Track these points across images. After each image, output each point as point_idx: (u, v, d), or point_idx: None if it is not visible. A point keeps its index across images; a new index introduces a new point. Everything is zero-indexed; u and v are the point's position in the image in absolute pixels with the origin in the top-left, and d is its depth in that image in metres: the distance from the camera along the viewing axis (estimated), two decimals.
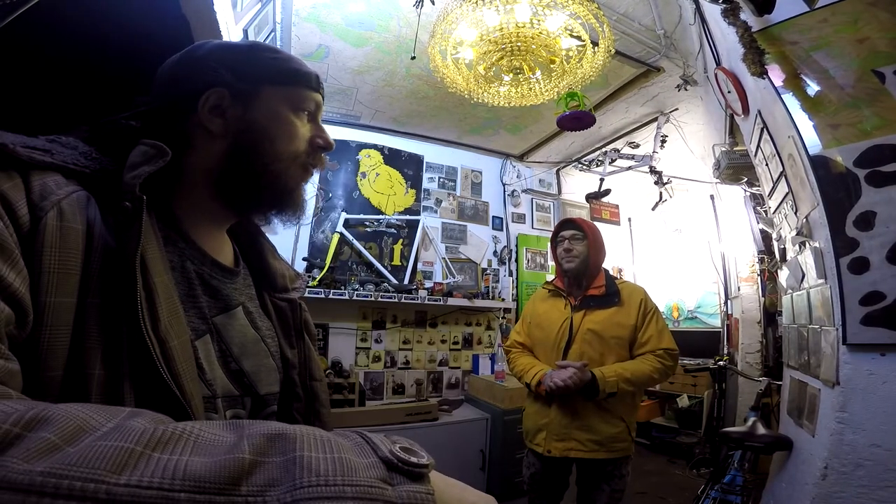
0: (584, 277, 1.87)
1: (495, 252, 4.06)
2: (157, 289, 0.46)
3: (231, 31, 1.77)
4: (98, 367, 0.41)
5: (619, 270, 5.18)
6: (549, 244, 2.05)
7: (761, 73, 1.50)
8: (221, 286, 0.59)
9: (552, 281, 2.03)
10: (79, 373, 0.40)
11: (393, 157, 3.71)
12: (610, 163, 3.70)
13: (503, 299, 3.85)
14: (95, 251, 0.44)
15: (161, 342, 0.44)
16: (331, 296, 3.02)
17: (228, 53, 0.60)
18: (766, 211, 2.44)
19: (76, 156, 0.49)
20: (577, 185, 4.59)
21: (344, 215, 3.34)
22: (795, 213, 1.61)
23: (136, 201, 0.45)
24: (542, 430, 1.77)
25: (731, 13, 1.51)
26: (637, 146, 3.80)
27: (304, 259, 3.17)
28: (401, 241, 3.57)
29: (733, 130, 2.44)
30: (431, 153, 3.90)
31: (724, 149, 2.48)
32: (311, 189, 3.33)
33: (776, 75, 1.51)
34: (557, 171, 4.55)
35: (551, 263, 4.30)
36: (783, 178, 1.64)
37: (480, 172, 4.15)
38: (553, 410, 1.75)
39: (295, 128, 0.60)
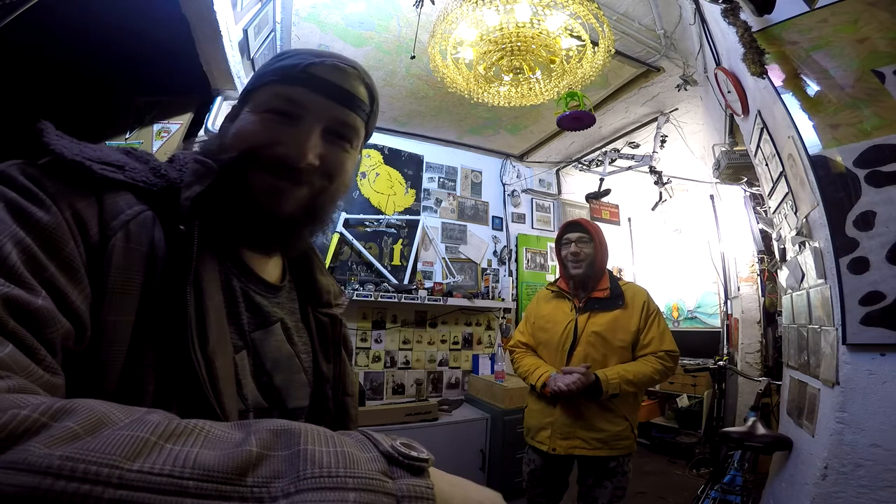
0: (590, 280, 1.87)
1: (495, 252, 4.06)
2: (209, 310, 0.48)
3: (231, 31, 1.77)
4: (151, 383, 0.43)
5: (619, 270, 5.18)
6: (554, 245, 2.03)
7: (761, 73, 1.50)
8: (263, 302, 0.60)
9: (556, 282, 2.02)
10: (134, 388, 0.42)
11: (393, 157, 3.71)
12: (610, 163, 3.70)
13: (503, 299, 3.85)
14: (157, 272, 0.46)
15: (208, 361, 0.46)
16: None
17: (264, 68, 0.62)
18: (765, 211, 2.45)
19: (146, 172, 0.50)
20: (577, 185, 4.60)
21: (344, 215, 3.34)
22: (795, 213, 1.61)
23: (189, 224, 0.47)
24: (546, 429, 1.77)
25: (730, 13, 1.51)
26: (637, 146, 3.80)
27: None
28: (401, 241, 3.57)
29: (733, 130, 2.44)
30: (431, 153, 3.90)
31: (723, 149, 2.48)
32: None
33: (776, 75, 1.51)
34: (557, 171, 4.55)
35: (551, 263, 4.30)
36: (783, 178, 1.64)
37: (480, 172, 4.15)
38: (557, 409, 1.75)
39: (257, 133, 0.57)
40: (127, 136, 1.92)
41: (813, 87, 1.43)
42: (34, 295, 0.35)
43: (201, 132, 1.91)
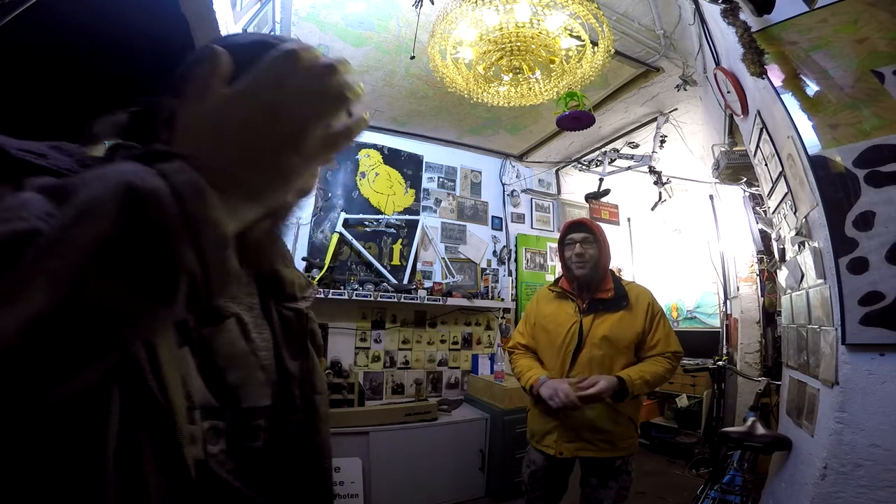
0: (594, 281, 1.83)
1: (495, 252, 4.06)
2: None
3: (230, 31, 1.77)
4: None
5: (619, 270, 5.18)
6: (557, 245, 1.98)
7: (761, 73, 1.50)
8: None
9: (558, 282, 1.97)
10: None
11: (392, 157, 3.71)
12: (609, 163, 3.70)
13: (502, 299, 3.85)
14: None
15: (149, 347, 0.42)
16: (330, 296, 3.02)
17: None
18: (765, 211, 2.45)
19: (71, 163, 0.46)
20: (576, 185, 4.60)
21: (343, 215, 3.34)
22: (795, 214, 1.61)
23: None
24: (552, 433, 1.75)
25: (730, 13, 1.51)
26: (636, 146, 3.80)
27: (303, 259, 3.17)
28: (400, 240, 3.57)
29: (732, 130, 2.44)
30: (431, 153, 3.90)
31: (723, 149, 2.48)
32: None
33: (775, 75, 1.51)
34: (557, 171, 4.55)
35: (551, 264, 4.30)
36: (782, 179, 1.65)
37: (480, 172, 4.15)
38: (562, 413, 1.72)
39: None
40: None
41: (812, 88, 1.43)
42: None
43: None
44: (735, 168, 2.46)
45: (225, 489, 0.52)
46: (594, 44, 2.01)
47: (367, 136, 3.61)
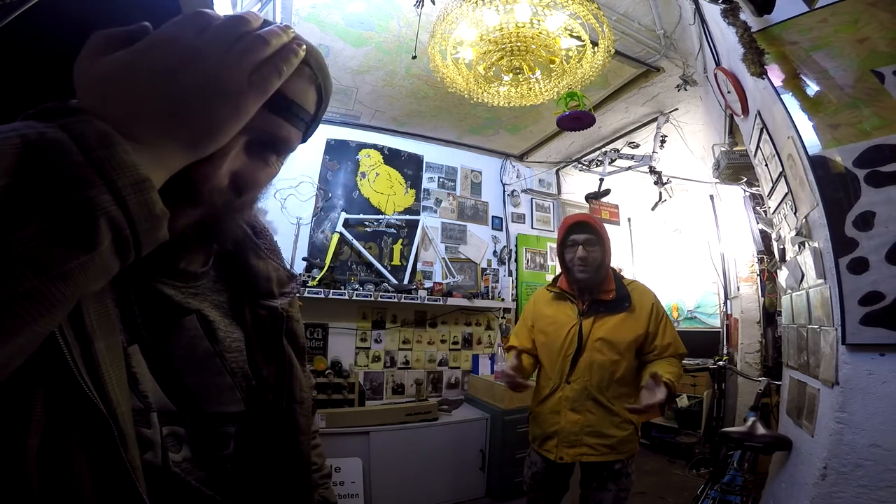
0: (595, 283, 1.77)
1: (495, 252, 4.06)
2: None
3: None
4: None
5: (619, 270, 5.17)
6: (556, 245, 1.90)
7: (761, 73, 1.50)
8: (173, 293, 0.52)
9: (557, 282, 1.91)
10: None
11: (393, 157, 3.71)
12: (610, 163, 3.70)
13: (503, 299, 3.85)
14: None
15: (85, 342, 0.38)
16: (330, 296, 3.02)
17: None
18: (765, 211, 2.45)
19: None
20: (576, 185, 4.60)
21: (344, 215, 3.34)
22: (795, 214, 1.61)
23: None
24: (553, 437, 1.72)
25: (730, 13, 1.51)
26: (637, 146, 3.80)
27: (303, 259, 3.17)
28: (400, 240, 3.57)
29: (733, 130, 2.44)
30: (431, 153, 3.90)
31: (723, 149, 2.48)
32: (310, 189, 3.33)
33: (776, 75, 1.51)
34: (557, 171, 4.55)
35: (551, 263, 4.30)
36: (783, 179, 1.64)
37: (480, 172, 4.15)
38: (563, 417, 1.70)
39: None
40: None
41: (813, 88, 1.43)
42: None
43: None
44: (735, 168, 2.46)
45: (199, 498, 0.49)
46: (594, 44, 2.01)
47: (367, 136, 3.62)
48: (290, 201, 3.24)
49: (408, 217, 3.64)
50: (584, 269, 1.73)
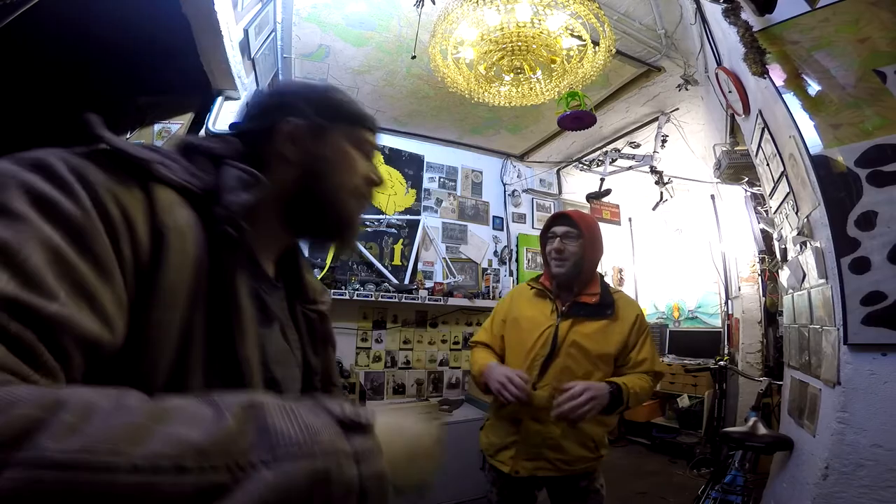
0: (575, 281, 1.61)
1: (496, 252, 4.06)
2: (244, 311, 0.52)
3: (231, 31, 1.77)
4: (197, 379, 0.46)
5: (620, 270, 5.18)
6: (539, 237, 1.75)
7: (762, 72, 1.50)
8: (269, 300, 0.64)
9: (539, 278, 1.75)
10: (180, 384, 0.44)
11: (393, 157, 3.71)
12: (610, 163, 3.70)
13: None
14: (201, 272, 0.48)
15: (246, 361, 0.51)
16: (331, 295, 3.02)
17: (310, 92, 0.68)
18: (766, 211, 2.44)
19: (183, 172, 0.51)
20: (577, 185, 4.59)
21: None
22: (796, 213, 1.61)
23: (239, 230, 0.50)
24: (510, 448, 1.55)
25: (731, 13, 1.51)
26: (638, 146, 3.79)
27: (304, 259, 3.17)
28: (401, 240, 3.57)
29: (734, 130, 2.43)
30: (432, 153, 3.90)
31: (724, 148, 2.48)
32: None
33: (777, 75, 1.51)
34: (558, 171, 4.55)
35: None
36: (784, 178, 1.64)
37: (481, 172, 4.15)
38: (523, 427, 1.53)
39: (356, 163, 0.68)
40: (128, 136, 1.92)
41: (814, 87, 1.43)
42: (49, 300, 0.35)
43: (202, 132, 1.91)
44: (737, 168, 2.46)
45: None
46: (595, 43, 2.01)
47: None
48: None
49: (409, 217, 3.64)
50: (559, 262, 1.60)
